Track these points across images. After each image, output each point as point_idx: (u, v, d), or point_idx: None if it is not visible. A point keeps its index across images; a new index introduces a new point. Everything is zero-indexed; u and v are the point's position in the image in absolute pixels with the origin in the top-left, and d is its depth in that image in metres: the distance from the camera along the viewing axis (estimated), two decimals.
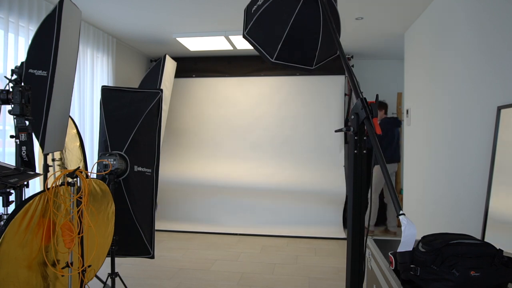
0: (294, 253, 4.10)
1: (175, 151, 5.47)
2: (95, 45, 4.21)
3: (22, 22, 3.07)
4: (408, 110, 4.12)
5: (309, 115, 5.27)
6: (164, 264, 3.73)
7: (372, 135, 1.13)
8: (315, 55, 1.89)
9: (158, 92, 3.13)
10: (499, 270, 1.33)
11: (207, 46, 4.89)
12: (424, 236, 1.56)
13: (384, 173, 1.07)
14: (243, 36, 1.94)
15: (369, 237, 2.08)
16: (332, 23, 1.56)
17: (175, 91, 5.51)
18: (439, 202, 3.15)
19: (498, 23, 2.26)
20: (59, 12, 2.44)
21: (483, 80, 2.43)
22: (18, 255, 1.73)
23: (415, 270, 1.41)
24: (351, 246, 1.25)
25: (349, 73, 1.34)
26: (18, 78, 2.23)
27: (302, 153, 5.22)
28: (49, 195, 1.90)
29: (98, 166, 2.72)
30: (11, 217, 1.70)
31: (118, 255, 2.92)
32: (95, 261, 2.37)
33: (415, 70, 3.95)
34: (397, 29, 4.23)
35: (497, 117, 2.20)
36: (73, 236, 1.96)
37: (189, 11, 3.76)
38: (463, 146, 2.69)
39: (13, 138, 2.06)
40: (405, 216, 1.00)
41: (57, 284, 1.99)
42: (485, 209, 2.20)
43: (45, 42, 2.42)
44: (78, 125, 3.43)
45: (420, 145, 3.71)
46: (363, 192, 1.25)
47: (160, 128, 3.14)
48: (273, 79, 5.40)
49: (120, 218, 2.79)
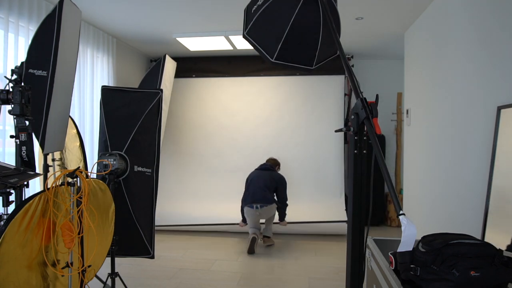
0: (294, 253, 4.10)
1: (175, 151, 5.47)
2: (95, 45, 4.21)
3: (22, 22, 3.07)
4: (408, 110, 4.12)
5: (309, 115, 5.28)
6: (164, 264, 3.73)
7: (372, 135, 1.13)
8: (315, 55, 1.89)
9: (158, 92, 3.13)
10: (499, 270, 1.33)
11: (207, 46, 4.89)
12: (424, 236, 1.56)
13: (384, 173, 1.07)
14: (243, 36, 1.94)
15: (369, 237, 2.08)
16: (332, 23, 1.56)
17: (175, 91, 5.51)
18: (439, 202, 3.15)
19: (498, 23, 2.26)
20: (59, 12, 2.44)
21: (483, 80, 2.43)
22: (18, 255, 1.73)
23: (415, 270, 1.41)
24: (351, 246, 1.25)
25: (349, 73, 1.34)
26: (18, 78, 2.23)
27: (301, 153, 5.22)
28: (49, 195, 1.90)
29: (98, 166, 2.72)
30: (11, 217, 1.70)
31: (118, 255, 2.92)
32: (95, 261, 2.37)
33: (415, 70, 3.95)
34: (397, 29, 4.23)
35: (497, 117, 2.20)
36: (73, 236, 1.96)
37: (189, 11, 3.76)
38: (463, 146, 2.69)
39: (13, 138, 2.06)
40: (405, 216, 1.00)
41: (57, 284, 1.99)
42: (485, 209, 2.20)
43: (45, 42, 2.42)
44: (78, 125, 3.43)
45: (420, 145, 3.71)
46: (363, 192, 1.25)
47: (160, 128, 3.14)
48: (273, 79, 5.40)
49: (120, 218, 2.79)
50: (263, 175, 4.35)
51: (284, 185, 4.36)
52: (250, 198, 4.22)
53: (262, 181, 4.27)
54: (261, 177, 4.33)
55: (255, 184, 4.27)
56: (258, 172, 4.42)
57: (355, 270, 1.25)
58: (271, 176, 4.35)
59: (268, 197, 4.21)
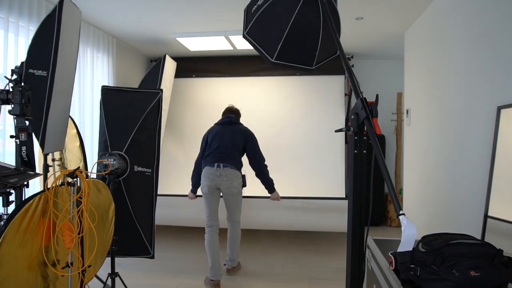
0: (294, 253, 4.10)
1: (175, 151, 5.47)
2: (95, 45, 4.21)
3: (22, 22, 3.07)
4: (408, 110, 4.12)
5: (309, 115, 5.27)
6: (164, 264, 3.73)
7: (372, 135, 1.13)
8: (315, 55, 1.89)
9: (158, 92, 3.13)
10: (499, 270, 1.33)
11: (207, 46, 4.89)
12: (424, 236, 1.56)
13: (384, 173, 1.07)
14: (243, 36, 1.94)
15: (369, 237, 2.08)
16: (332, 23, 1.56)
17: (175, 91, 5.51)
18: (439, 202, 3.15)
19: (498, 23, 2.26)
20: (59, 12, 2.45)
21: (483, 80, 2.43)
22: (18, 255, 1.73)
23: (415, 270, 1.41)
24: (351, 246, 1.25)
25: (349, 73, 1.34)
26: (18, 78, 2.23)
27: (301, 152, 5.21)
28: (49, 195, 1.90)
29: (98, 166, 2.72)
30: (11, 217, 1.70)
31: (118, 255, 2.92)
32: (95, 261, 2.37)
33: (415, 70, 3.95)
34: (397, 29, 4.23)
35: (497, 117, 2.20)
36: (73, 236, 1.96)
37: (189, 11, 3.76)
38: (463, 146, 2.69)
39: (13, 138, 2.07)
40: (405, 216, 1.00)
41: (57, 284, 1.99)
42: (485, 209, 2.20)
43: (45, 42, 2.42)
44: (78, 125, 3.43)
45: (420, 145, 3.71)
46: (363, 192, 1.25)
47: (160, 128, 3.14)
48: (273, 79, 5.40)
49: (120, 218, 2.79)
50: (227, 130, 3.40)
51: (255, 140, 3.47)
52: (212, 155, 3.29)
53: (228, 137, 3.34)
54: (225, 132, 3.38)
55: (219, 140, 3.32)
56: (220, 128, 3.43)
57: (355, 270, 1.25)
58: (238, 130, 3.42)
59: (235, 158, 3.30)
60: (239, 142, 3.35)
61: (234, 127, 3.42)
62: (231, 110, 3.58)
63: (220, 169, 3.21)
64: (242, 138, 3.38)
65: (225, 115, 3.53)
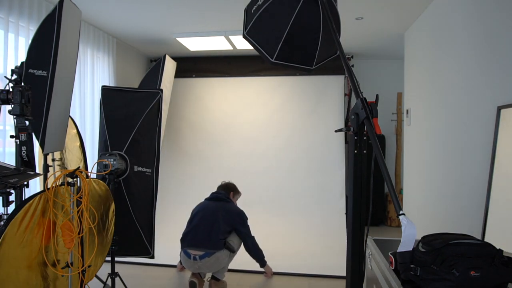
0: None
1: (175, 151, 5.47)
2: (95, 45, 4.21)
3: (22, 22, 3.07)
4: (408, 110, 4.12)
5: (309, 115, 5.27)
6: (164, 264, 3.73)
7: (372, 135, 1.13)
8: (315, 55, 1.89)
9: (158, 92, 3.14)
10: (499, 270, 1.33)
11: (207, 46, 4.89)
12: (424, 236, 1.56)
13: (384, 173, 1.07)
14: (243, 36, 1.94)
15: (369, 237, 2.08)
16: (332, 23, 1.56)
17: (175, 91, 5.51)
18: (439, 202, 3.15)
19: (498, 23, 2.26)
20: (59, 12, 2.45)
21: (483, 80, 2.43)
22: (18, 255, 1.73)
23: (415, 270, 1.40)
24: (351, 246, 1.25)
25: (349, 73, 1.34)
26: (18, 78, 2.23)
27: (301, 153, 5.21)
28: (49, 195, 1.90)
29: (98, 166, 2.72)
30: (11, 217, 1.70)
31: (118, 255, 2.92)
32: (95, 261, 2.37)
33: (415, 70, 3.95)
34: (397, 29, 4.23)
35: (497, 117, 2.20)
36: (73, 236, 1.96)
37: (189, 11, 3.76)
38: (463, 146, 2.69)
39: (13, 138, 2.06)
40: (405, 216, 1.00)
41: (57, 284, 1.99)
42: (485, 209, 2.20)
43: (45, 42, 2.42)
44: (78, 125, 3.42)
45: (420, 145, 3.71)
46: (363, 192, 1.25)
47: (160, 128, 3.14)
48: (273, 79, 5.39)
49: (120, 218, 2.79)
50: (212, 207, 3.17)
51: (243, 221, 3.21)
52: (189, 238, 3.04)
53: (210, 216, 3.09)
54: (209, 209, 3.14)
55: (200, 218, 3.09)
56: (206, 203, 3.24)
57: (355, 270, 1.25)
58: (225, 209, 3.16)
59: (215, 241, 2.99)
60: (226, 223, 3.10)
61: (221, 205, 3.20)
62: (222, 186, 3.45)
63: (197, 261, 2.96)
64: (229, 219, 3.13)
65: (215, 191, 3.39)
